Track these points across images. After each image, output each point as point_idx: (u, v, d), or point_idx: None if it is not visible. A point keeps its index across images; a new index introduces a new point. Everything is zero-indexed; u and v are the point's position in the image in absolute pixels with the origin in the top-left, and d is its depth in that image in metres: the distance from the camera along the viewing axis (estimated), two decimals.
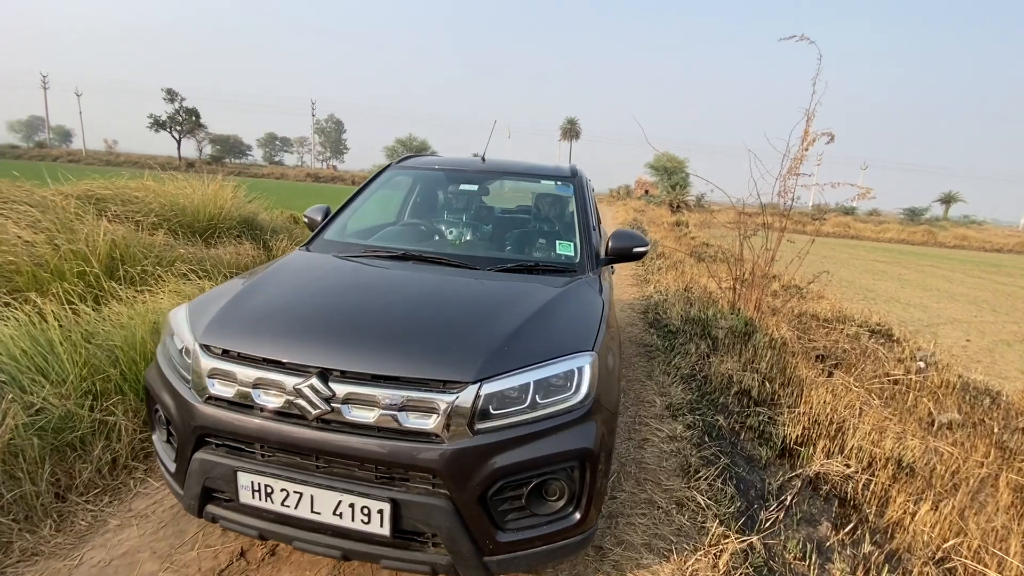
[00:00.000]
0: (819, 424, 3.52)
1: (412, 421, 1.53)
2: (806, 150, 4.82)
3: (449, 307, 1.94)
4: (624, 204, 40.83)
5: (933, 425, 3.93)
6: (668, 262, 10.63)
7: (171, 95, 60.97)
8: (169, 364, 1.83)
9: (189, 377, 1.71)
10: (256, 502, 1.63)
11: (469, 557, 1.55)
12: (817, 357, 5.58)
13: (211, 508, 1.72)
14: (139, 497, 2.34)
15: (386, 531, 1.54)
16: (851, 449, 3.15)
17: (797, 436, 3.29)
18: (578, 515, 1.66)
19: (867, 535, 2.42)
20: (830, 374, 4.92)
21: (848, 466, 2.97)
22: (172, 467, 1.78)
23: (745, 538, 2.27)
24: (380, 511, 1.53)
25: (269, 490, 1.60)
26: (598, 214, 4.85)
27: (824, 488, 2.77)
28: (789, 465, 3.04)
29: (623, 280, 8.98)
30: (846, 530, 2.44)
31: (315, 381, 1.55)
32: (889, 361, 5.51)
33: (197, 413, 1.65)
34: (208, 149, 70.59)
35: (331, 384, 1.56)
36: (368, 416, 1.54)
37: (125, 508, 2.25)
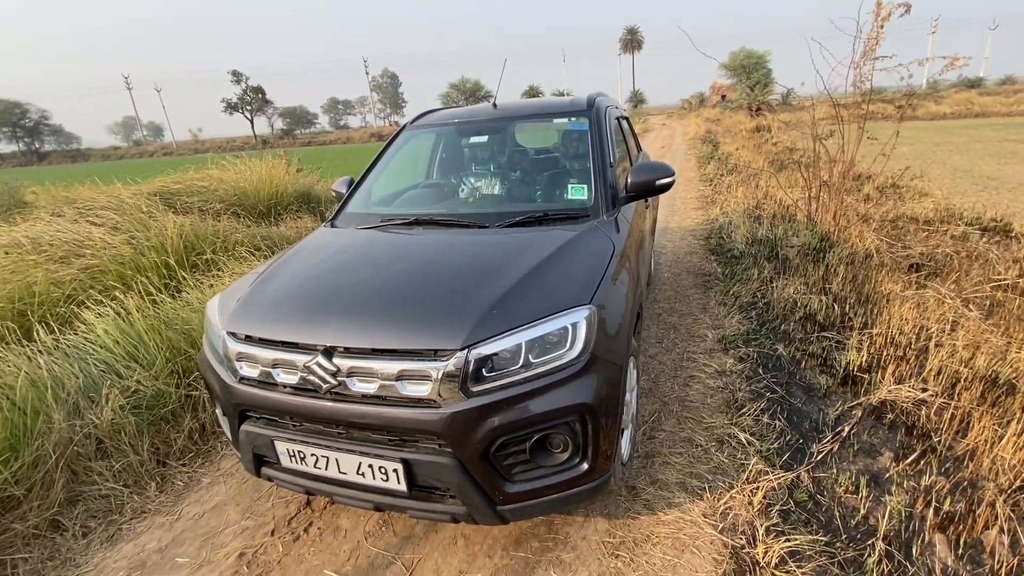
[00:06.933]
0: (897, 346, 3.20)
1: (410, 389, 1.61)
2: (881, 27, 4.05)
3: (447, 273, 1.96)
4: (697, 115, 37.51)
5: None
6: (741, 176, 9.76)
7: (237, 76, 63.93)
8: (211, 350, 2.04)
9: (224, 361, 1.91)
10: (294, 465, 1.83)
11: (482, 507, 1.65)
12: (911, 267, 4.99)
13: (265, 470, 1.95)
14: (226, 458, 2.71)
15: (403, 487, 1.67)
16: (930, 371, 2.84)
17: (864, 361, 3.02)
18: (585, 465, 1.69)
19: (934, 465, 2.23)
20: (924, 286, 4.39)
21: (924, 389, 2.70)
22: (230, 436, 2.04)
23: (787, 474, 2.18)
24: (395, 470, 1.66)
25: (302, 455, 1.79)
26: (637, 144, 4.51)
27: (889, 417, 2.56)
28: (852, 394, 2.82)
29: (687, 204, 8.44)
30: (908, 460, 2.25)
31: (320, 359, 1.67)
32: (1002, 263, 4.79)
33: (234, 392, 1.85)
34: (279, 123, 74.07)
35: (336, 360, 1.66)
36: (370, 387, 1.64)
37: (215, 468, 2.63)
